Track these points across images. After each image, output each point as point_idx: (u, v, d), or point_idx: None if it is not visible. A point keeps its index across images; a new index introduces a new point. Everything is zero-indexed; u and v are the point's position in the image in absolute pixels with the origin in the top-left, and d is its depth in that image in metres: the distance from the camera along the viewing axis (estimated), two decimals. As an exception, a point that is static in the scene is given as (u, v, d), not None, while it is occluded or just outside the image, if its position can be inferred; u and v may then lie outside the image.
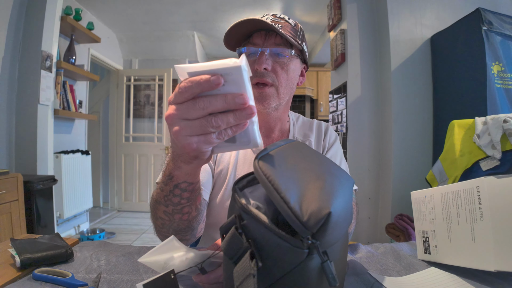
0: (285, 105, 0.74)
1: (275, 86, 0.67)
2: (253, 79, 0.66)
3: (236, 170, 0.73)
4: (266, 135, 0.76)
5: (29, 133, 2.08)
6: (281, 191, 0.30)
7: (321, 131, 0.82)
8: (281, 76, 0.67)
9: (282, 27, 0.65)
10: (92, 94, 3.77)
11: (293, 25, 0.69)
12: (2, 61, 1.94)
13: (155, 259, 0.43)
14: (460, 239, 0.49)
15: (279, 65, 0.67)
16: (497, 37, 1.62)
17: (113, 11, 3.14)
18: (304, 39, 0.72)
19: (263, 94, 0.66)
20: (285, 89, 0.69)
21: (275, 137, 0.77)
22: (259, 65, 0.64)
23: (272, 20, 0.66)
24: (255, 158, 0.35)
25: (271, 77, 0.66)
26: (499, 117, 1.19)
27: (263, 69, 0.64)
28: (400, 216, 1.86)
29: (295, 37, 0.67)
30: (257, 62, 0.65)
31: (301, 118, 0.86)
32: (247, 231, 0.32)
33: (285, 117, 0.78)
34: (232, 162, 0.74)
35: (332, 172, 0.38)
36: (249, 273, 0.28)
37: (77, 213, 2.74)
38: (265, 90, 0.66)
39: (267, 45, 0.66)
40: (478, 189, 0.46)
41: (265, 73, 0.65)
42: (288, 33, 0.66)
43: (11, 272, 0.49)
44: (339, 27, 2.45)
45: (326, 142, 0.81)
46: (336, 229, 0.31)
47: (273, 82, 0.67)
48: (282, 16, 0.69)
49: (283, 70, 0.67)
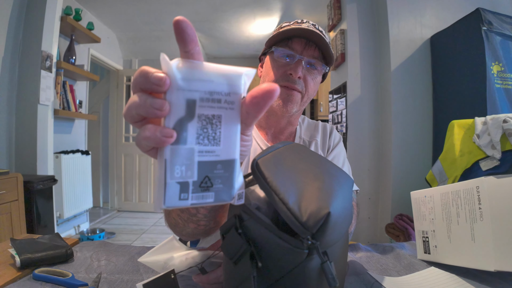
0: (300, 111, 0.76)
1: (302, 94, 0.69)
2: (284, 82, 0.67)
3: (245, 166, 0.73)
4: (275, 135, 0.77)
5: (29, 133, 2.08)
6: (280, 193, 0.30)
7: (326, 131, 0.84)
8: (309, 86, 0.69)
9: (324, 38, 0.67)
10: (92, 94, 3.77)
11: (328, 41, 0.68)
12: (2, 61, 1.94)
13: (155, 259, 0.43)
14: (459, 239, 0.49)
15: (310, 75, 0.69)
16: (497, 37, 1.62)
17: (113, 11, 3.14)
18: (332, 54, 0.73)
19: (291, 97, 0.68)
20: (308, 98, 0.71)
21: (283, 138, 0.78)
22: (295, 73, 0.66)
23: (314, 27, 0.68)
24: (253, 160, 0.35)
25: (301, 85, 0.68)
26: (498, 117, 1.19)
27: (297, 77, 0.66)
28: (400, 216, 1.86)
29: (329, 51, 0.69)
30: (294, 69, 0.66)
31: (307, 120, 0.87)
32: (247, 231, 0.32)
33: (296, 122, 0.80)
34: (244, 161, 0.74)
35: (330, 172, 0.38)
36: (249, 273, 0.28)
37: (77, 213, 2.74)
38: (294, 94, 0.68)
39: (306, 54, 0.67)
40: (477, 189, 0.46)
41: (297, 81, 0.67)
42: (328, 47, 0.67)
43: (11, 272, 0.49)
44: (339, 27, 2.45)
45: (331, 142, 0.82)
46: (335, 229, 0.31)
47: (301, 90, 0.69)
48: (320, 29, 0.69)
49: (312, 81, 0.69)
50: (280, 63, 0.68)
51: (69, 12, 2.46)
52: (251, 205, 0.33)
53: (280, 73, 0.68)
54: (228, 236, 0.32)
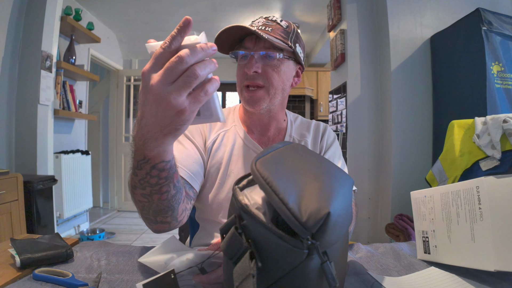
0: (279, 105, 0.75)
1: (266, 88, 0.69)
2: (244, 82, 0.69)
3: (230, 165, 0.74)
4: (262, 133, 0.78)
5: (29, 133, 2.08)
6: (280, 193, 0.30)
7: (318, 132, 0.83)
8: (271, 77, 0.69)
9: (273, 30, 0.67)
10: (92, 94, 3.77)
11: (285, 27, 0.69)
12: (2, 61, 1.94)
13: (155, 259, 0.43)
14: (459, 239, 0.49)
15: (269, 67, 0.68)
16: (497, 37, 1.62)
17: (113, 11, 3.14)
18: (298, 40, 0.72)
19: (254, 98, 0.69)
20: (277, 90, 0.70)
21: (270, 135, 0.79)
22: (248, 69, 0.67)
23: (263, 23, 0.69)
24: (253, 160, 0.35)
25: (262, 79, 0.68)
26: (498, 117, 1.19)
27: (252, 72, 0.67)
28: (400, 216, 1.86)
29: (286, 39, 0.68)
30: (247, 66, 0.67)
31: (300, 119, 0.86)
32: (247, 231, 0.32)
33: (281, 116, 0.80)
34: (226, 157, 0.75)
35: (330, 172, 0.38)
36: (249, 273, 0.28)
37: (77, 213, 2.74)
38: (255, 94, 0.69)
39: (257, 48, 0.67)
40: (477, 189, 0.46)
41: (255, 76, 0.68)
42: (278, 36, 0.67)
43: (11, 272, 0.49)
44: (339, 27, 2.45)
45: (323, 143, 0.81)
46: (335, 229, 0.31)
47: (264, 83, 0.69)
48: (274, 18, 0.70)
49: (273, 72, 0.69)
50: (239, 65, 0.71)
51: (69, 12, 2.46)
52: (251, 205, 0.33)
53: (240, 74, 0.70)
54: (228, 236, 0.32)
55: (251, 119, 0.77)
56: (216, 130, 0.78)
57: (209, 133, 0.77)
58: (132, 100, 3.88)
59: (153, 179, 0.45)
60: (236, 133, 0.78)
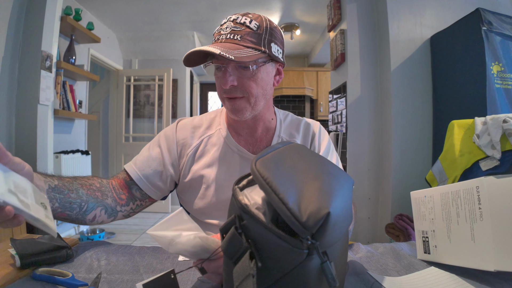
0: (264, 107, 0.73)
1: (246, 98, 0.67)
2: (223, 94, 0.67)
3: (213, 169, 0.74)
4: (249, 134, 0.77)
5: (29, 133, 2.08)
6: (279, 193, 0.30)
7: (308, 132, 0.80)
8: (249, 88, 0.66)
9: (242, 37, 0.63)
10: (92, 94, 3.77)
11: (255, 29, 0.64)
12: (2, 61, 1.94)
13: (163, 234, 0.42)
14: (459, 239, 0.49)
15: (245, 78, 0.65)
16: (497, 37, 1.62)
17: (113, 11, 3.14)
18: (273, 38, 0.67)
19: (235, 107, 0.67)
20: (257, 98, 0.68)
21: (258, 136, 0.77)
22: (224, 84, 0.64)
23: (231, 30, 0.64)
24: (253, 160, 0.35)
25: (240, 91, 0.66)
26: (498, 117, 1.19)
27: (229, 86, 0.64)
28: (400, 216, 1.86)
29: (259, 43, 0.64)
30: (222, 81, 0.65)
31: (290, 117, 0.84)
32: (247, 231, 0.32)
33: (267, 115, 0.77)
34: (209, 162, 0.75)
35: (330, 172, 0.38)
36: (249, 273, 0.28)
37: (77, 213, 2.74)
38: (236, 103, 0.67)
39: (229, 61, 0.62)
40: (477, 189, 0.46)
41: (232, 89, 0.65)
42: (249, 42, 0.63)
43: (11, 272, 0.49)
44: (339, 27, 2.45)
45: (315, 144, 0.79)
46: (335, 229, 0.31)
47: (243, 94, 0.66)
48: (243, 20, 0.65)
49: (250, 81, 0.65)
50: (216, 76, 0.68)
51: (69, 12, 2.46)
52: (251, 205, 0.33)
53: (218, 86, 0.68)
54: (228, 236, 0.32)
55: (237, 122, 0.75)
56: (199, 135, 0.77)
57: (191, 139, 0.76)
58: (132, 100, 3.88)
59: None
60: (221, 136, 0.76)
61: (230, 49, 0.60)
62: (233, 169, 0.74)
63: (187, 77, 4.05)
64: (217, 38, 0.65)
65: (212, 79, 5.09)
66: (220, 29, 0.66)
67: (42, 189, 0.54)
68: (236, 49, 0.60)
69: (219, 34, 0.65)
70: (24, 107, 2.07)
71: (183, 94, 3.98)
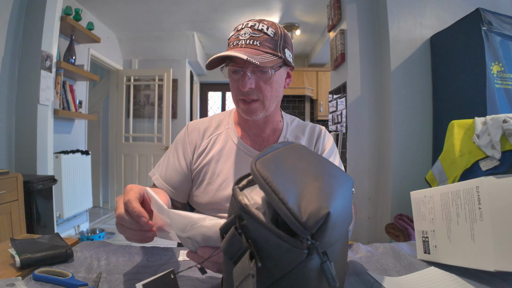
0: (274, 108, 0.77)
1: (261, 101, 0.71)
2: (239, 96, 0.71)
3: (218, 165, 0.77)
4: (257, 134, 0.80)
5: (29, 133, 2.08)
6: (279, 193, 0.30)
7: (313, 135, 0.83)
8: (265, 91, 0.70)
9: (261, 43, 0.67)
10: (92, 94, 3.77)
11: (272, 36, 0.68)
12: (2, 61, 1.94)
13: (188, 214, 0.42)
14: (459, 239, 0.49)
15: (262, 81, 0.69)
16: (497, 37, 1.62)
17: (113, 11, 3.14)
18: (286, 44, 0.72)
19: (250, 109, 0.71)
20: (271, 100, 0.72)
21: (265, 136, 0.80)
22: (243, 87, 0.67)
23: (250, 36, 0.67)
24: (253, 160, 0.35)
25: (256, 93, 0.70)
26: (498, 117, 1.19)
27: (247, 89, 0.67)
28: (400, 216, 1.86)
29: (275, 49, 0.68)
30: (241, 84, 0.68)
31: (296, 121, 0.87)
32: (247, 231, 0.32)
33: (276, 117, 0.81)
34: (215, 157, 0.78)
35: (330, 172, 0.38)
36: (249, 273, 0.28)
37: (77, 213, 2.74)
38: (252, 106, 0.71)
39: (249, 64, 0.67)
40: (477, 189, 0.46)
41: (249, 92, 0.69)
42: (267, 48, 0.67)
43: (11, 272, 0.49)
44: (339, 27, 2.45)
45: (319, 145, 0.82)
46: (335, 229, 0.31)
47: (258, 97, 0.70)
48: (260, 27, 0.68)
49: (266, 85, 0.69)
50: (232, 78, 0.71)
51: (69, 12, 2.46)
52: (251, 205, 0.33)
53: (235, 88, 0.72)
54: (227, 236, 0.32)
55: (246, 123, 0.79)
56: (208, 135, 0.81)
57: (200, 140, 0.80)
58: (132, 100, 3.88)
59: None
60: (228, 135, 0.80)
61: (252, 54, 0.64)
62: (238, 166, 0.76)
63: (187, 77, 4.05)
64: (236, 43, 0.68)
65: (212, 79, 5.09)
66: (238, 34, 0.69)
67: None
68: (257, 54, 0.65)
69: (238, 40, 0.68)
70: (24, 107, 2.07)
71: (183, 94, 3.98)
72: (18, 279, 0.45)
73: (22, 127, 2.07)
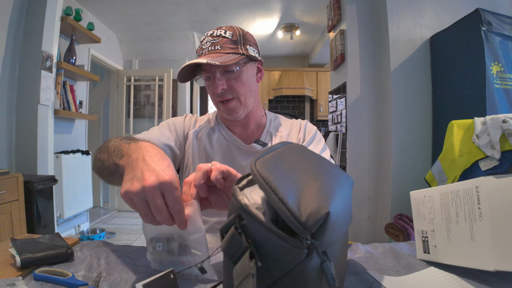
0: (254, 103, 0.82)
1: (236, 98, 0.76)
2: (217, 99, 0.77)
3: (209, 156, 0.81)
4: (243, 130, 0.85)
5: (29, 133, 2.08)
6: (279, 192, 0.30)
7: (295, 126, 0.88)
8: (237, 88, 0.75)
9: (221, 46, 0.72)
10: (92, 94, 3.77)
11: (230, 37, 0.74)
12: (2, 61, 1.94)
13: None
14: (459, 239, 0.49)
15: (232, 80, 0.75)
16: (496, 38, 1.62)
17: (113, 12, 3.14)
18: (246, 41, 0.76)
19: (229, 108, 0.77)
20: (246, 96, 0.77)
21: (250, 131, 0.85)
22: (215, 89, 0.73)
23: (211, 43, 0.73)
24: (253, 160, 0.35)
25: (230, 92, 0.75)
26: (498, 117, 1.20)
27: (220, 90, 0.73)
28: (400, 216, 1.86)
29: (236, 48, 0.73)
30: (213, 86, 0.74)
31: (280, 118, 0.92)
32: (247, 231, 0.32)
33: (258, 112, 0.86)
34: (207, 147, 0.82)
35: (330, 172, 0.38)
36: (249, 273, 0.28)
37: (77, 213, 2.74)
38: (229, 104, 0.76)
39: (216, 68, 0.73)
40: (477, 189, 0.46)
41: (223, 92, 0.75)
42: (228, 49, 0.72)
43: (11, 272, 0.49)
44: (339, 27, 2.45)
45: (301, 136, 0.86)
46: (335, 229, 0.31)
47: (233, 96, 0.76)
48: (219, 32, 0.74)
49: (237, 82, 0.75)
50: (207, 85, 0.77)
51: (69, 12, 2.46)
52: (251, 205, 0.33)
53: (211, 93, 0.77)
54: (228, 235, 0.32)
55: (231, 121, 0.83)
56: (199, 124, 0.86)
57: (193, 125, 0.86)
58: (132, 100, 3.88)
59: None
60: (218, 129, 0.85)
61: (214, 57, 0.70)
62: (227, 158, 0.81)
63: (187, 77, 4.05)
64: (200, 53, 0.75)
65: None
66: (201, 45, 0.76)
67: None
68: (219, 56, 0.70)
69: (201, 49, 0.75)
70: (24, 107, 2.07)
71: (183, 94, 3.98)
72: (19, 279, 0.45)
73: (22, 127, 2.07)
